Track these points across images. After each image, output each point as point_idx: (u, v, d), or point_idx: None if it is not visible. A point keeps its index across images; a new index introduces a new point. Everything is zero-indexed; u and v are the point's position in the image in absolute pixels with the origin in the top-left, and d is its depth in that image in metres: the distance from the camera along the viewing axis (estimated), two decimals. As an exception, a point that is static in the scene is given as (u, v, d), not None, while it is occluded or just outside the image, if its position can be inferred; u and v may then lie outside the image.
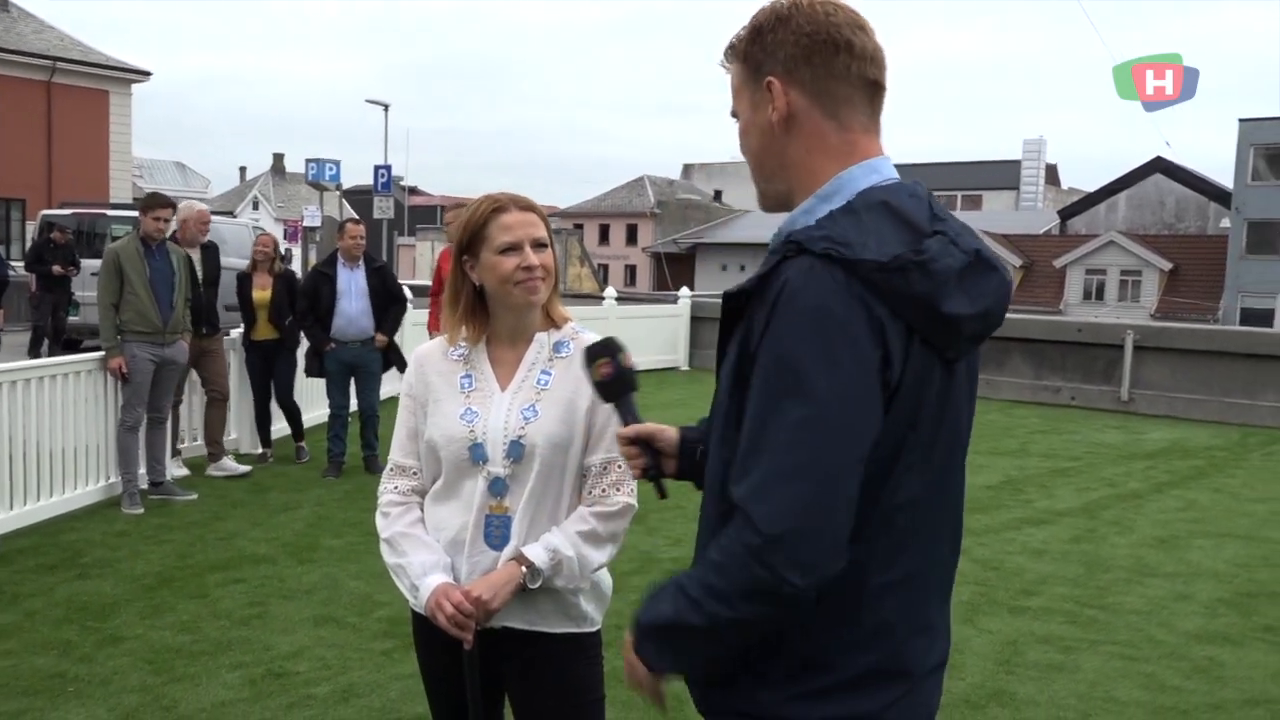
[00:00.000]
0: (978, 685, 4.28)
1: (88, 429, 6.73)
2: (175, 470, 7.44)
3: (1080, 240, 46.21)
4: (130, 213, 15.01)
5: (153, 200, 6.85)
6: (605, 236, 61.27)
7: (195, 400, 8.04)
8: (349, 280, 7.73)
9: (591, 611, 2.27)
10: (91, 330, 11.62)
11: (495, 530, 2.17)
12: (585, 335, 2.28)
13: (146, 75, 31.66)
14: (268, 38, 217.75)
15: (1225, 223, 44.00)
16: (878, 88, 1.54)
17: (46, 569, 5.53)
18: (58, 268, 13.76)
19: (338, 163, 18.40)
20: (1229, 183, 43.62)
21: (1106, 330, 13.03)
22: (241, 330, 8.27)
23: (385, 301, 7.92)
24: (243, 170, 72.38)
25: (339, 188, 19.28)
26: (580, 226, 58.08)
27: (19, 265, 17.54)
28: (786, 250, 1.40)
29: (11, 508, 6.09)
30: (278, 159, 67.94)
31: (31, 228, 18.29)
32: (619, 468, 2.18)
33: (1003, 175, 60.65)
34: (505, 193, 2.23)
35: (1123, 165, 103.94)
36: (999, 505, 7.46)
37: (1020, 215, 55.10)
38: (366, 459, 7.99)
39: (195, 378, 7.85)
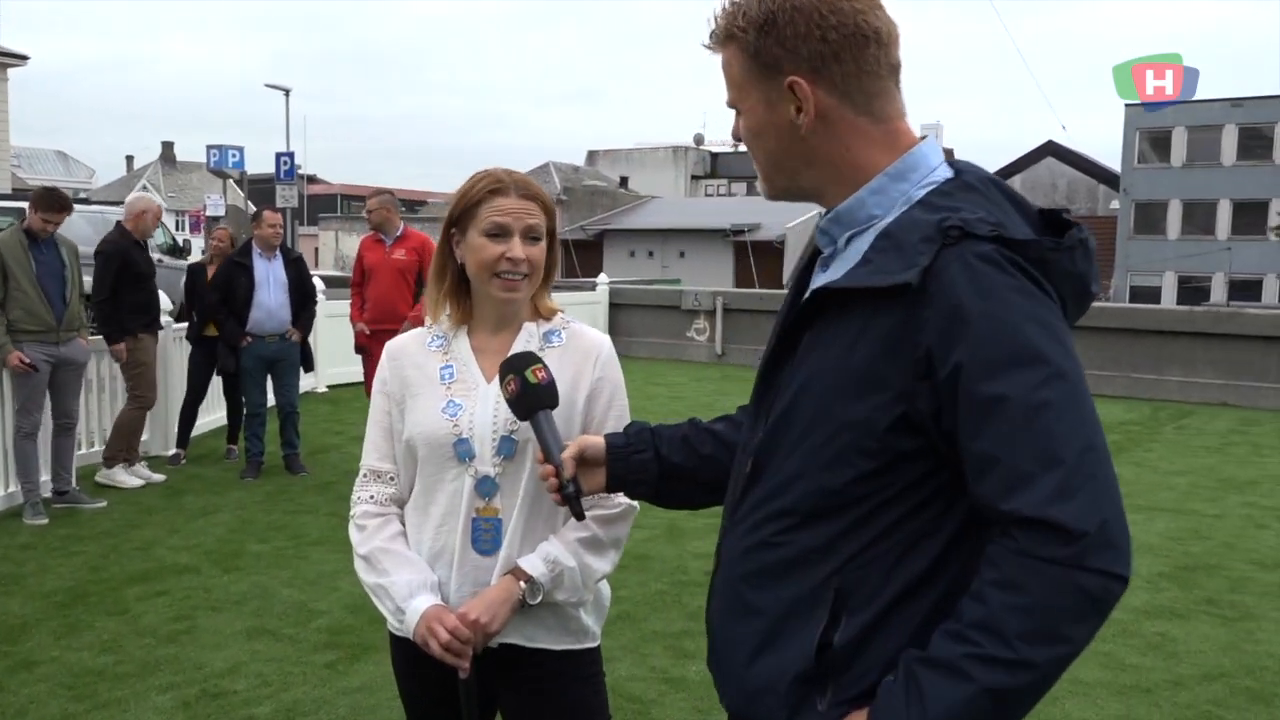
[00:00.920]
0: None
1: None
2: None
3: (979, 223, 47.30)
4: (8, 203, 14.17)
5: (52, 201, 6.27)
6: (511, 224, 60.43)
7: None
8: (267, 271, 7.36)
9: (592, 625, 2.10)
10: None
11: (485, 534, 1.97)
12: (578, 326, 2.11)
13: (24, 59, 30.07)
14: (155, 22, 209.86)
15: (1114, 204, 45.63)
16: (899, 68, 1.43)
17: (-56, 589, 5.11)
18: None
19: (241, 149, 17.69)
20: (1117, 165, 45.23)
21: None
22: (184, 326, 7.84)
23: (301, 296, 7.60)
24: (130, 159, 69.54)
25: (243, 175, 18.54)
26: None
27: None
28: (946, 236, 1.25)
29: (-99, 523, 5.62)
30: (167, 147, 65.44)
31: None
32: None
33: (902, 160, 61.71)
34: (512, 173, 2.02)
35: (1013, 149, 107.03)
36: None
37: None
38: (287, 458, 7.64)
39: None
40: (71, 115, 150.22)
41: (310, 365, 7.84)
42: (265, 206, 7.94)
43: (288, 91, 25.67)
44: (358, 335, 7.51)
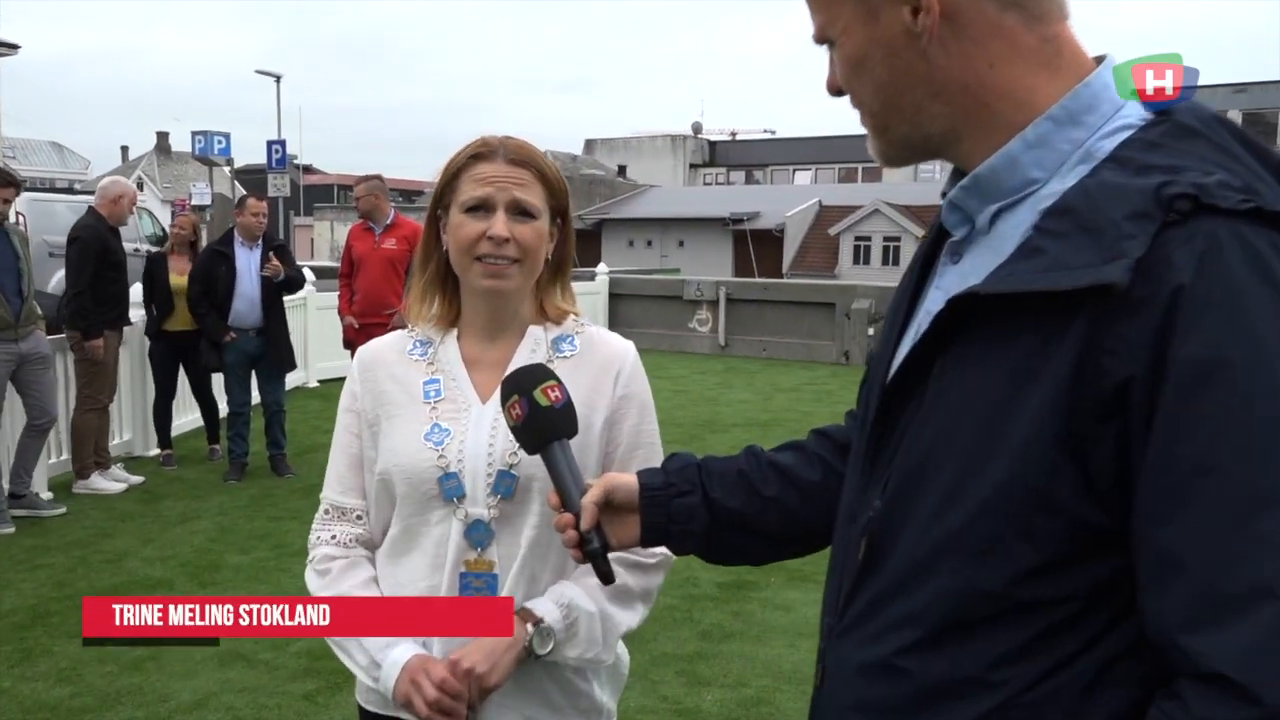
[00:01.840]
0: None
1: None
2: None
3: (979, 210, 46.87)
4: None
5: None
6: (508, 213, 60.11)
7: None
8: (248, 261, 6.94)
9: (606, 701, 1.69)
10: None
11: (476, 593, 1.57)
12: (595, 331, 1.69)
13: (15, 49, 29.70)
14: (150, 11, 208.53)
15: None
16: None
17: (-106, 607, 4.71)
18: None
19: (227, 135, 17.18)
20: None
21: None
22: (147, 320, 7.35)
23: (287, 284, 7.18)
24: (125, 150, 68.96)
25: (230, 162, 18.06)
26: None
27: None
28: (1171, 211, 0.83)
29: None
30: (162, 138, 64.91)
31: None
32: None
33: (902, 147, 61.16)
34: (509, 137, 1.61)
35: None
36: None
37: (920, 186, 55.58)
38: (273, 459, 7.24)
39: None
40: (66, 107, 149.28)
41: (291, 364, 7.37)
42: (250, 194, 7.51)
43: (279, 78, 25.25)
44: (346, 329, 7.09)
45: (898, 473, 0.99)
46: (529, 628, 1.53)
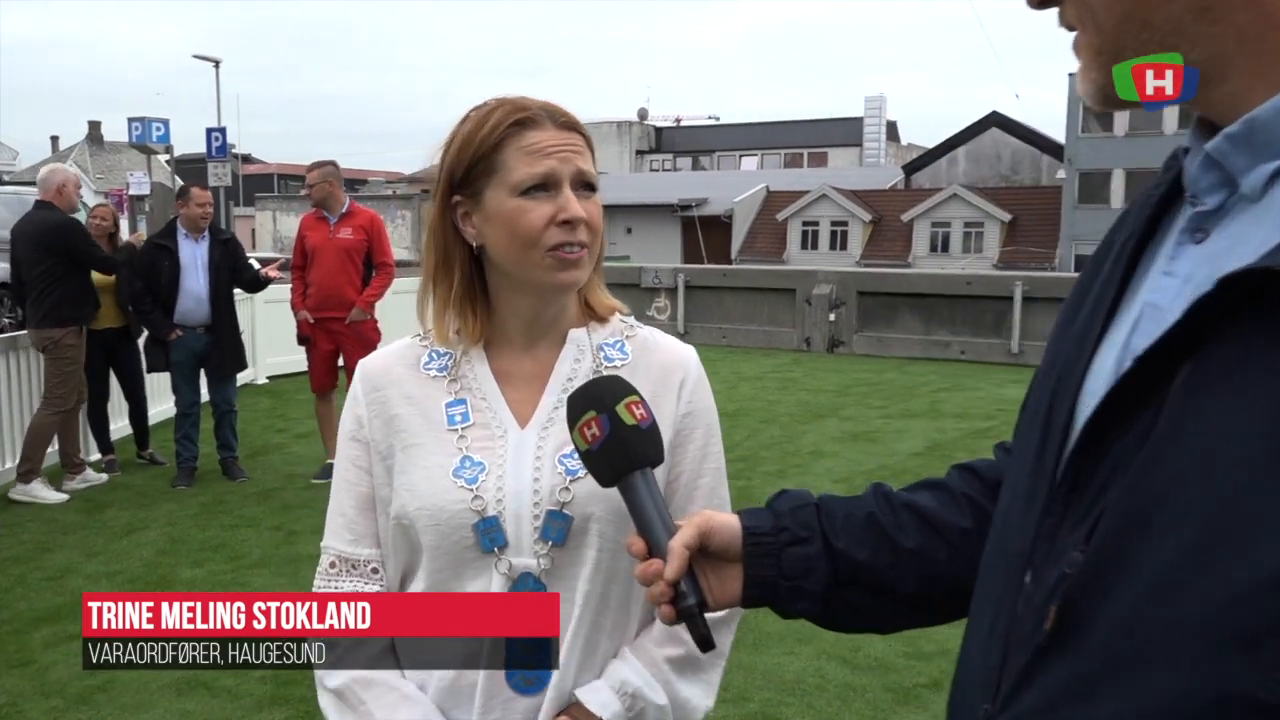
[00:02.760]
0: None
1: None
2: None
3: (924, 195, 47.18)
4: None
5: None
6: (457, 203, 59.51)
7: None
8: (193, 254, 6.54)
9: None
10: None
11: (523, 677, 1.29)
12: (648, 333, 1.41)
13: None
14: (89, 2, 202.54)
15: (1060, 174, 45.76)
16: None
17: None
18: None
19: (166, 122, 16.45)
20: (1062, 136, 45.31)
21: (996, 282, 12.92)
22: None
23: (239, 279, 6.82)
24: (55, 140, 66.90)
25: (169, 150, 17.36)
26: (429, 193, 56.24)
27: None
28: None
29: None
30: (94, 127, 63.05)
31: None
32: None
33: (846, 132, 61.48)
34: (531, 98, 1.31)
35: (956, 121, 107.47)
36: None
37: (866, 171, 56.02)
38: (224, 462, 6.86)
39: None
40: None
41: (242, 365, 7.01)
42: (193, 183, 7.09)
43: (217, 64, 24.43)
44: (300, 324, 6.72)
45: (1113, 516, 0.72)
46: None
